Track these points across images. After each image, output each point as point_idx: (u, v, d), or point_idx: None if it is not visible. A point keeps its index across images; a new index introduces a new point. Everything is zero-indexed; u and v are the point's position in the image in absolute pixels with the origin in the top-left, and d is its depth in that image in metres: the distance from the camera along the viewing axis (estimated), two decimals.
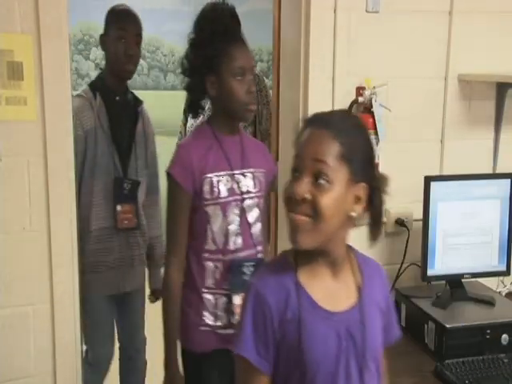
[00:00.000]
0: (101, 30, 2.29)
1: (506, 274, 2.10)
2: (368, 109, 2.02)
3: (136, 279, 2.26)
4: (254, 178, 1.74)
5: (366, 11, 2.03)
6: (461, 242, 2.02)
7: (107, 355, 2.27)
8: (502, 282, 2.28)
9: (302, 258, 1.17)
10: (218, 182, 1.68)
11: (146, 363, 2.43)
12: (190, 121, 2.77)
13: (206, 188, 1.66)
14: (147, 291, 2.49)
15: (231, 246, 1.71)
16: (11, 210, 1.80)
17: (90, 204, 2.09)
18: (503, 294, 2.22)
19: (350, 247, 1.25)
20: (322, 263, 1.18)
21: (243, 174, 1.72)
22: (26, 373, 1.88)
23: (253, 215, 1.74)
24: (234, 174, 1.70)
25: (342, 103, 2.04)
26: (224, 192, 1.68)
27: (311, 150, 1.12)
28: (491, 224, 2.04)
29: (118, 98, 2.15)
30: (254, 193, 1.74)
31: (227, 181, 1.69)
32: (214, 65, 1.66)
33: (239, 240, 1.71)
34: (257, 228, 1.76)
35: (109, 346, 2.27)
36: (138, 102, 2.25)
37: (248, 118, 1.79)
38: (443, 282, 2.05)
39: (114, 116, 2.11)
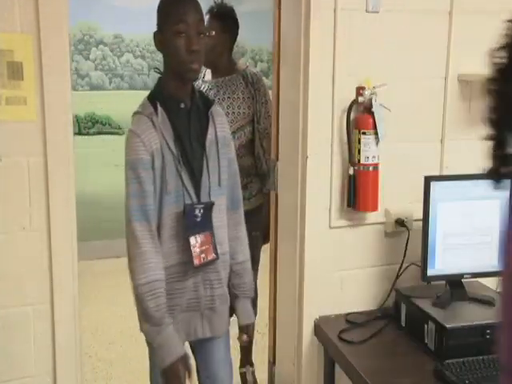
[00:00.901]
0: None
1: None
2: (368, 109, 2.02)
3: (218, 322, 1.83)
4: None
5: (366, 11, 2.03)
6: (461, 241, 2.02)
7: None
8: None
9: None
10: None
11: None
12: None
13: None
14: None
15: None
16: (11, 209, 1.80)
17: (162, 238, 1.70)
18: None
19: None
20: None
21: None
22: (26, 373, 1.88)
23: None
24: None
25: (342, 103, 2.04)
26: None
27: None
28: (491, 224, 2.03)
29: (182, 105, 1.73)
30: None
31: None
32: None
33: None
34: None
35: None
36: (208, 103, 1.82)
37: None
38: (443, 282, 2.05)
39: (180, 128, 1.71)
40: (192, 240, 1.69)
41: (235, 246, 1.89)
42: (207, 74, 2.79)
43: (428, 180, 1.97)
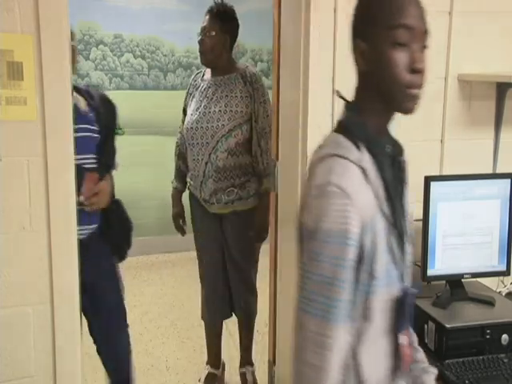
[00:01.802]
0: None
1: (506, 273, 2.09)
2: None
3: None
4: None
5: None
6: (461, 241, 2.02)
7: None
8: (502, 282, 2.28)
9: None
10: None
11: None
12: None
13: None
14: None
15: None
16: (11, 209, 1.80)
17: (370, 335, 1.17)
18: (503, 293, 2.22)
19: None
20: None
21: None
22: (26, 373, 1.88)
23: None
24: None
25: (342, 103, 2.04)
26: None
27: None
28: (491, 224, 2.03)
29: (388, 148, 1.25)
30: None
31: None
32: None
33: None
34: None
35: None
36: (400, 147, 1.32)
37: None
38: (443, 282, 2.05)
39: (388, 183, 1.21)
40: (402, 338, 1.22)
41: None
42: (206, 73, 2.80)
43: (428, 180, 1.97)
